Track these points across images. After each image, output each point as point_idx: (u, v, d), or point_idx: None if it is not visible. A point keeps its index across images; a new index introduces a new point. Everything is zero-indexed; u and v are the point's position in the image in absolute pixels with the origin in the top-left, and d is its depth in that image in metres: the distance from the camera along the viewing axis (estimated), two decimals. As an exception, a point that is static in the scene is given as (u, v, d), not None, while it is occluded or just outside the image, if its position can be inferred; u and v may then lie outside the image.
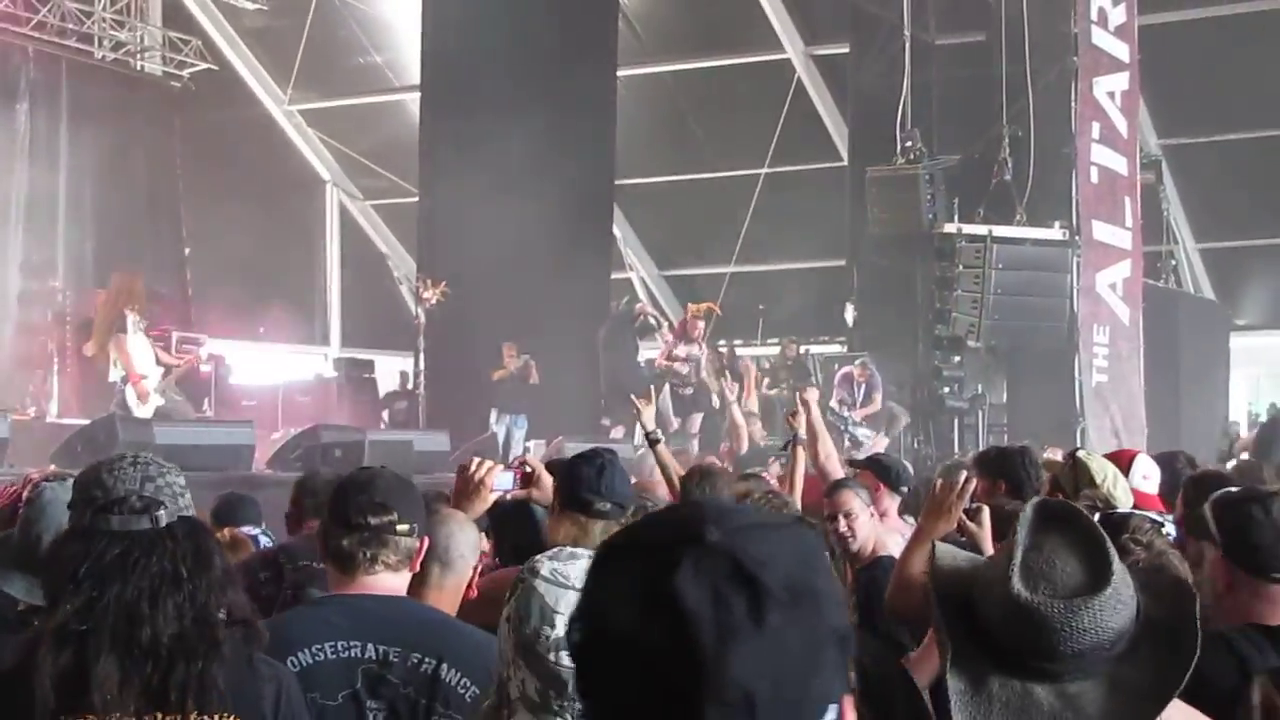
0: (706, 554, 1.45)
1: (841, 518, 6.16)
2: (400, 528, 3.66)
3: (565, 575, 2.29)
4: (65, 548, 2.87)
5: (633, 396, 8.76)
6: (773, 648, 1.42)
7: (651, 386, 11.39)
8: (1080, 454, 6.13)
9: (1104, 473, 5.92)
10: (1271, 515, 3.79)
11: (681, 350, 19.77)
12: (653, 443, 7.72)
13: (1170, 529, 5.19)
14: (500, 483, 5.02)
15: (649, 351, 21.46)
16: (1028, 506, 2.46)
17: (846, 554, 6.18)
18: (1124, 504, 5.79)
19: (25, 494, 4.48)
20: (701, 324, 20.39)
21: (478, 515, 4.92)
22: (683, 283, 29.00)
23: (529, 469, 5.25)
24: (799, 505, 7.00)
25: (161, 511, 2.84)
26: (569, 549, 2.34)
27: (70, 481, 3.10)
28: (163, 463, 2.96)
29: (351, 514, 3.66)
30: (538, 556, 2.37)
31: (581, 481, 4.84)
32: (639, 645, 1.42)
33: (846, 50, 21.95)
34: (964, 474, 5.21)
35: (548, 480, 5.14)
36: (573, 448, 10.51)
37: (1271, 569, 3.80)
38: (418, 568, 3.76)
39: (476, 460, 4.98)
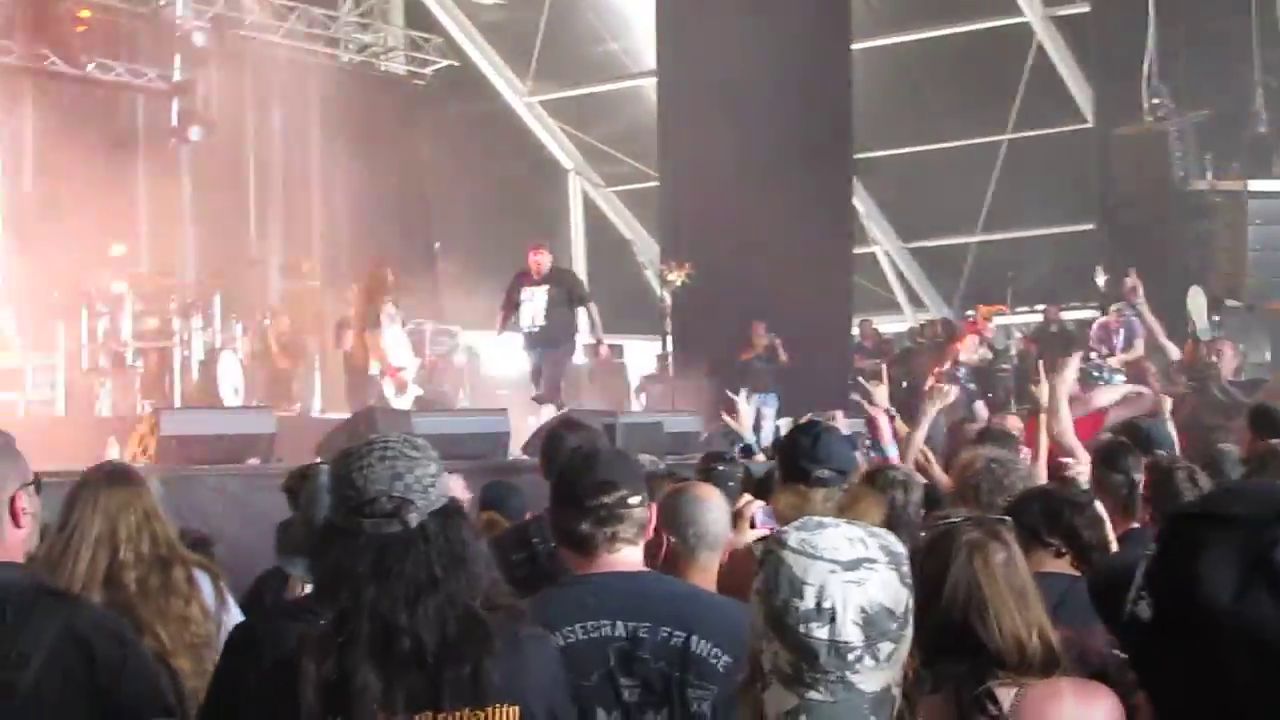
0: None
1: None
2: (631, 501, 3.65)
3: (814, 545, 2.25)
4: (324, 547, 2.91)
5: (860, 379, 8.78)
6: None
7: (883, 365, 11.27)
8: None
9: None
10: None
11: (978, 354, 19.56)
12: (889, 418, 7.68)
13: None
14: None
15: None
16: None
17: None
18: None
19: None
20: (992, 325, 20.13)
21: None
22: (928, 254, 28.65)
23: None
24: (1043, 474, 6.80)
25: (412, 513, 2.85)
26: (816, 518, 2.29)
27: None
28: (412, 451, 2.93)
29: (582, 496, 3.66)
30: (784, 527, 2.33)
31: (799, 451, 4.86)
32: (1243, 616, 1.43)
33: (1087, 10, 21.41)
34: None
35: None
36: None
37: None
38: (650, 535, 3.75)
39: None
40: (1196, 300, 17.33)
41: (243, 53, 21.15)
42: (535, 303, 15.66)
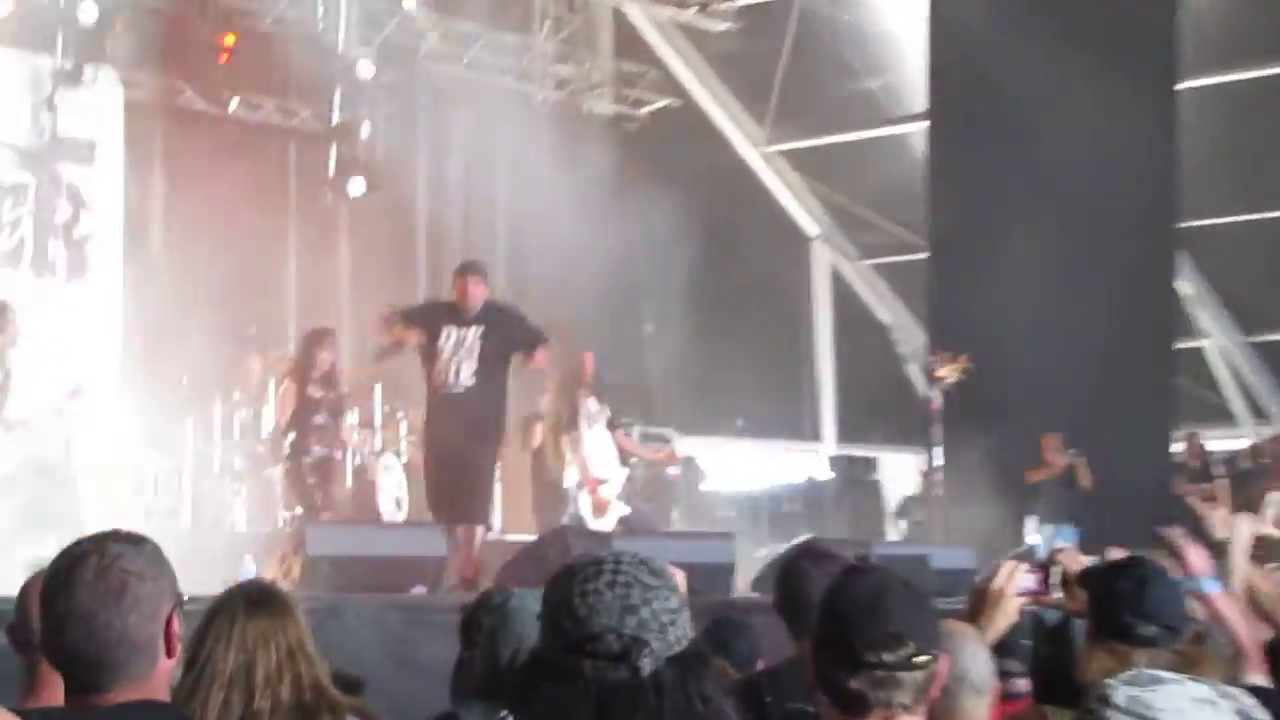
0: None
1: None
2: (919, 660, 3.59)
3: (1149, 705, 2.21)
4: (528, 690, 2.90)
5: (1191, 501, 8.52)
6: None
7: (1227, 484, 10.98)
8: None
9: None
10: None
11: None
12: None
13: None
14: (1021, 583, 4.93)
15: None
16: None
17: None
18: None
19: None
20: None
21: (1001, 631, 4.83)
22: (1273, 350, 28.09)
23: (1057, 567, 5.15)
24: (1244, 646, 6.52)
25: (645, 658, 2.81)
26: (1149, 672, 2.25)
27: (540, 592, 3.11)
28: (650, 578, 2.87)
29: (860, 650, 3.59)
30: (1108, 681, 2.29)
31: (1119, 600, 4.70)
32: None
33: None
34: None
35: (1082, 591, 5.02)
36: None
37: None
38: (938, 693, 3.67)
39: (1006, 568, 4.91)
40: None
41: (416, 89, 21.58)
42: (460, 350, 13.63)
